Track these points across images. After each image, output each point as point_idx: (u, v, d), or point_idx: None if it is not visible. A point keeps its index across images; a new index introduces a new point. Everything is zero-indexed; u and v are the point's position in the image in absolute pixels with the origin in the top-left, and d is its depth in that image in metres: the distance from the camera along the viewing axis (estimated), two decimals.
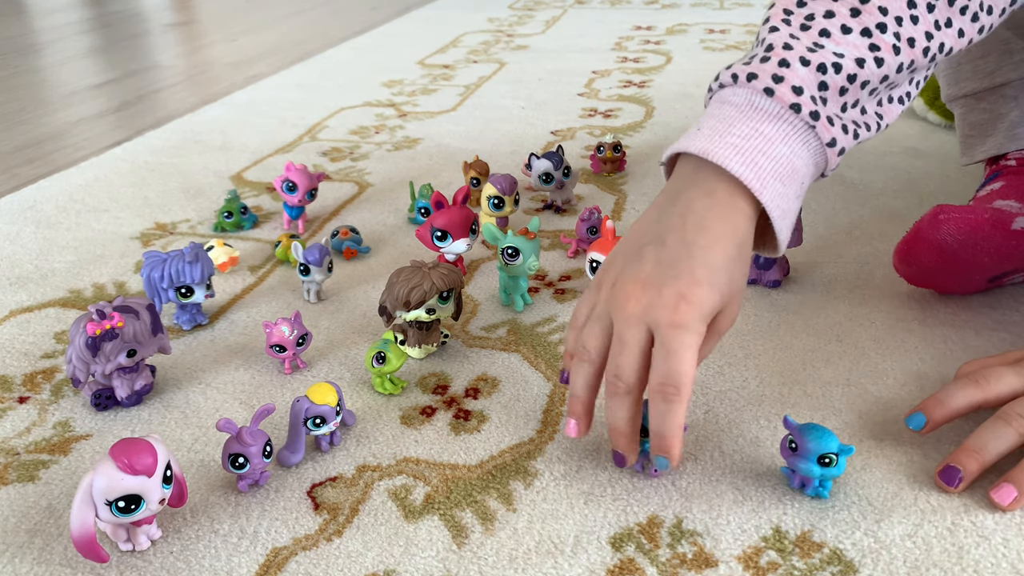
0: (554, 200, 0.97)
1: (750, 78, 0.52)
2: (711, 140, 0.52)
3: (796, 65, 0.52)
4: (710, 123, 0.53)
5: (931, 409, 0.55)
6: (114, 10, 2.49)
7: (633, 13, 2.19)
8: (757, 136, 0.51)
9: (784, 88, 0.51)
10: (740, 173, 0.50)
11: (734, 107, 0.53)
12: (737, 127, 0.52)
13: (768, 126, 0.52)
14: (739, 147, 0.51)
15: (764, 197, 0.50)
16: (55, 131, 1.34)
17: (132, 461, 0.46)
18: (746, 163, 0.51)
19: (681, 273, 0.49)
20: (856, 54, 0.53)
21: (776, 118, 0.52)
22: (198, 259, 0.71)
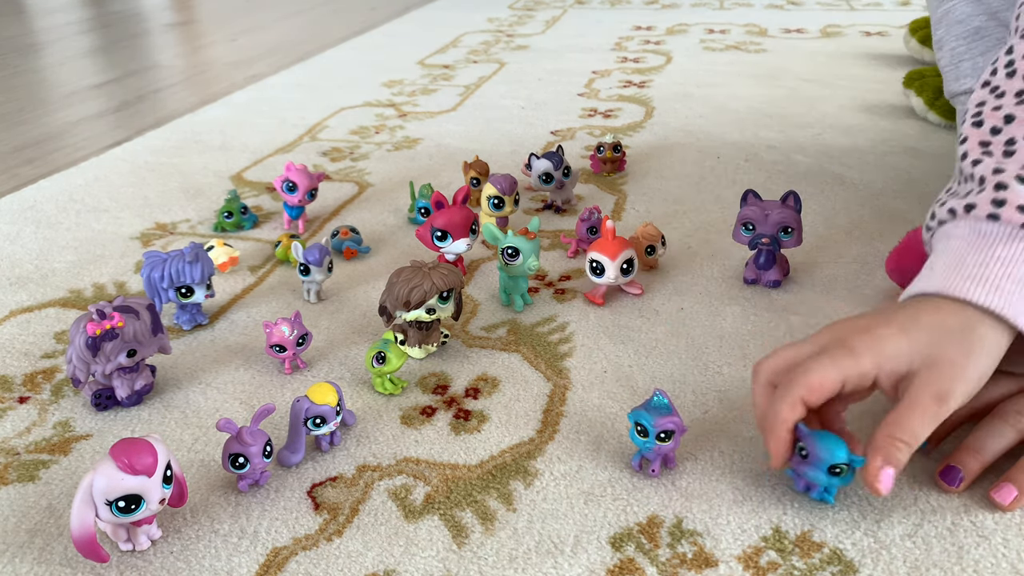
0: (554, 200, 0.97)
1: (968, 209, 0.51)
2: (946, 277, 0.50)
3: (1015, 185, 0.50)
4: (941, 260, 0.52)
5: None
6: (114, 10, 2.49)
7: (633, 13, 2.19)
8: (995, 262, 0.49)
9: (1009, 210, 0.50)
10: (987, 302, 0.48)
11: (960, 240, 0.51)
12: (970, 258, 0.50)
13: (1003, 250, 0.49)
14: (978, 276, 0.49)
15: (1020, 322, 0.48)
16: (55, 131, 1.34)
17: (132, 461, 0.46)
18: (990, 290, 0.48)
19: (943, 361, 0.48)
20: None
21: (1010, 239, 0.49)
22: (198, 259, 0.71)
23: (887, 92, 1.39)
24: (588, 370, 0.66)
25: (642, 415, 0.53)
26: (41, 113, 1.45)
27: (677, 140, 1.19)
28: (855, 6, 2.17)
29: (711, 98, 1.39)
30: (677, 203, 0.98)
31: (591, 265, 0.74)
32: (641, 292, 0.77)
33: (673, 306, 0.76)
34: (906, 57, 1.59)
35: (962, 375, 0.47)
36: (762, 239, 0.75)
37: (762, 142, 1.17)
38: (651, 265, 0.82)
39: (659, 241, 0.81)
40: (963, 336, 0.48)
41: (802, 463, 0.50)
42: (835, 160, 1.09)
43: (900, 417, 0.47)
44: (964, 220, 0.52)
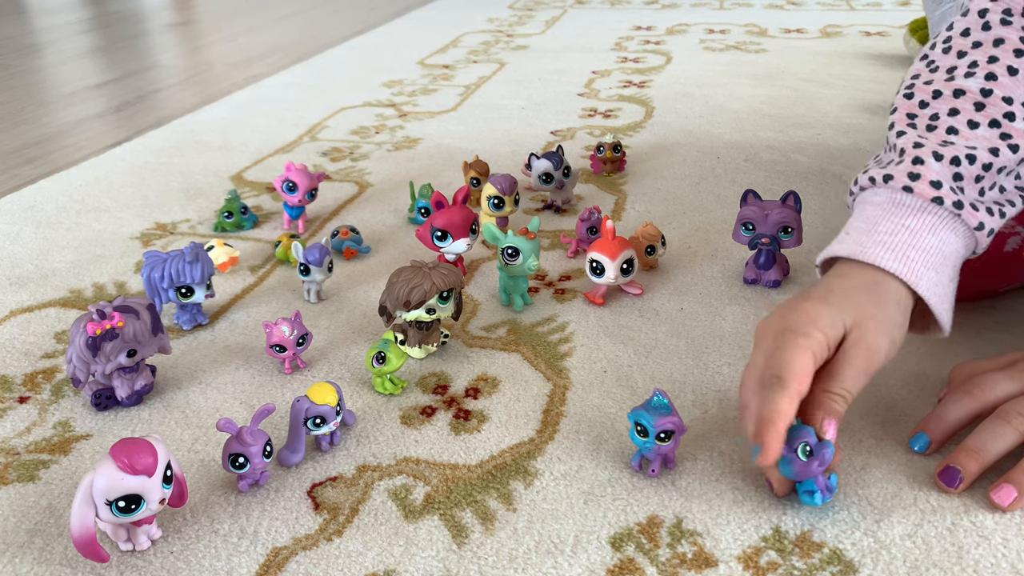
0: (554, 200, 0.97)
1: (886, 179, 0.55)
2: (859, 241, 0.54)
3: (930, 161, 0.54)
4: (856, 224, 0.56)
5: (932, 428, 0.56)
6: (114, 10, 2.49)
7: (633, 13, 2.19)
8: (904, 231, 0.54)
9: (922, 184, 0.54)
10: (894, 268, 0.52)
11: (876, 206, 0.55)
12: (883, 224, 0.54)
13: (913, 220, 0.54)
14: (888, 244, 0.53)
15: (920, 288, 0.52)
16: (55, 131, 1.34)
17: (132, 461, 0.46)
18: (898, 258, 0.53)
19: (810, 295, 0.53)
20: (988, 145, 0.55)
21: (920, 211, 0.54)
22: (198, 259, 0.71)
23: (887, 92, 1.39)
24: (588, 370, 0.66)
25: (642, 415, 0.53)
26: (41, 113, 1.45)
27: (677, 140, 1.19)
28: (855, 6, 2.17)
29: (711, 98, 1.39)
30: (677, 203, 0.98)
31: (591, 265, 0.74)
32: (641, 292, 0.77)
33: (673, 306, 0.76)
34: (906, 57, 1.59)
35: (880, 325, 0.52)
36: (762, 239, 0.75)
37: (762, 142, 1.17)
38: (651, 265, 0.82)
39: (659, 241, 0.81)
40: (871, 292, 0.52)
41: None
42: (835, 160, 1.09)
43: (833, 372, 0.51)
44: (883, 188, 0.55)
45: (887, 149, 0.59)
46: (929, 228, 0.54)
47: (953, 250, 0.54)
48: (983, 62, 0.56)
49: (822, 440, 0.50)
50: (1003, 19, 0.57)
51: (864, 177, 0.57)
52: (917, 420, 0.59)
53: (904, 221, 0.54)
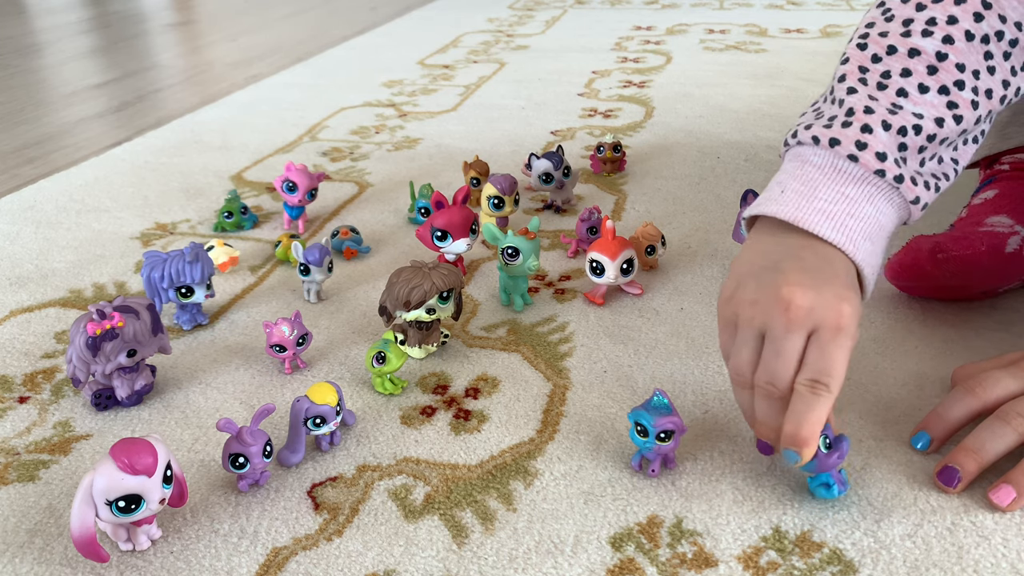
0: (554, 200, 0.97)
1: (832, 143, 0.54)
2: (799, 206, 0.53)
3: (879, 130, 0.53)
4: (793, 185, 0.54)
5: (933, 427, 0.56)
6: (114, 10, 2.49)
7: (633, 13, 2.19)
8: (843, 200, 0.53)
9: (868, 155, 0.52)
10: (833, 238, 0.52)
11: (816, 168, 0.54)
12: (822, 191, 0.53)
13: (853, 189, 0.53)
14: (828, 212, 0.52)
15: (857, 258, 0.52)
16: (55, 131, 1.34)
17: (132, 461, 0.46)
18: (837, 227, 0.52)
19: (830, 278, 0.50)
20: (935, 114, 0.54)
21: (860, 181, 0.53)
22: (198, 259, 0.71)
23: None
24: (588, 370, 0.66)
25: (642, 415, 0.53)
26: (41, 113, 1.45)
27: (677, 140, 1.19)
28: (855, 6, 2.17)
29: (711, 98, 1.39)
30: (677, 203, 0.98)
31: (591, 265, 0.74)
32: (641, 292, 0.77)
33: (673, 306, 0.76)
34: None
35: (845, 300, 0.49)
36: None
37: (762, 142, 1.17)
38: (651, 265, 0.82)
39: (659, 241, 0.81)
40: (835, 271, 0.51)
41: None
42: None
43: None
44: (826, 151, 0.54)
45: (830, 100, 0.57)
46: (867, 197, 0.53)
47: (888, 220, 0.54)
48: (942, 21, 0.55)
49: (838, 434, 0.50)
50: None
51: (806, 134, 0.55)
52: (917, 420, 0.59)
53: (844, 189, 0.53)
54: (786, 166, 0.57)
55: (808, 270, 0.50)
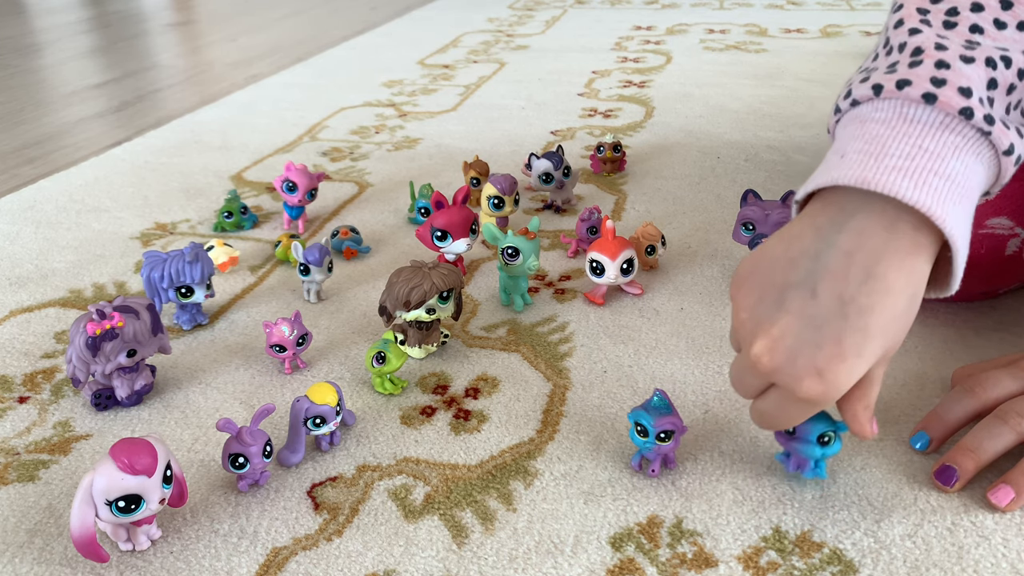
0: (554, 200, 0.97)
1: (900, 85, 0.43)
2: (865, 166, 0.42)
3: (958, 64, 0.43)
4: (855, 145, 0.44)
5: (932, 427, 0.56)
6: (114, 10, 2.49)
7: (633, 13, 2.19)
8: (922, 154, 0.42)
9: (949, 91, 0.42)
10: (919, 201, 0.41)
11: (883, 124, 0.44)
12: (893, 147, 0.42)
13: (932, 140, 0.42)
14: (905, 169, 0.41)
15: (947, 226, 0.41)
16: (55, 131, 1.34)
17: (132, 461, 0.46)
18: (920, 187, 0.41)
19: (825, 341, 0.41)
20: (1021, 47, 0.44)
21: (941, 128, 0.42)
22: (198, 259, 0.71)
23: None
24: (588, 370, 0.66)
25: (642, 415, 0.53)
26: (41, 113, 1.45)
27: (677, 140, 1.19)
28: (855, 6, 2.17)
29: (711, 98, 1.39)
30: (677, 203, 0.98)
31: (591, 265, 0.74)
32: (641, 292, 0.77)
33: (673, 306, 0.76)
34: None
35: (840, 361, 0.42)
36: (762, 239, 0.75)
37: (762, 142, 1.17)
38: (651, 265, 0.82)
39: (659, 241, 0.81)
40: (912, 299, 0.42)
41: (791, 440, 0.51)
42: None
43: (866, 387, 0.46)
44: (889, 101, 0.44)
45: (886, 51, 0.47)
46: (953, 150, 0.42)
47: (978, 182, 0.43)
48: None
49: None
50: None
51: (863, 87, 0.45)
52: (917, 420, 0.59)
53: (921, 142, 0.42)
54: (840, 134, 0.46)
55: (807, 321, 0.42)
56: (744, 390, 0.48)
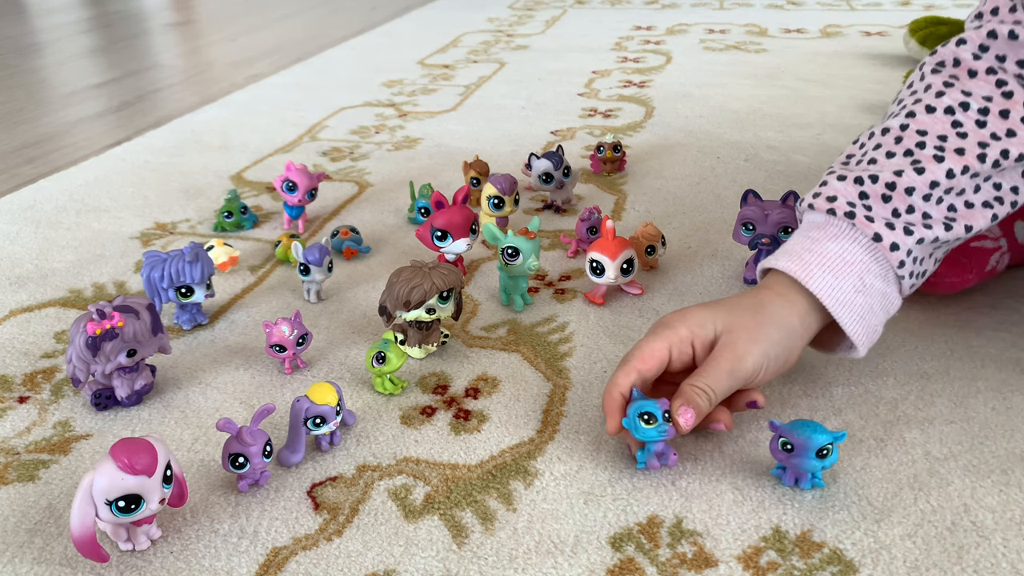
0: (554, 200, 0.97)
1: (800, 202, 0.62)
2: (772, 257, 0.60)
3: (832, 182, 0.60)
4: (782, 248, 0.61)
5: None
6: (114, 10, 2.49)
7: (633, 13, 2.19)
8: (806, 240, 0.59)
9: (820, 200, 0.59)
10: (785, 267, 0.57)
11: (797, 229, 0.62)
12: (793, 240, 0.60)
13: (816, 231, 0.59)
14: (788, 251, 0.59)
15: (811, 285, 0.56)
16: (55, 131, 1.34)
17: (132, 461, 0.46)
18: (792, 259, 0.58)
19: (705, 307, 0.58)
20: (895, 168, 0.59)
21: (822, 224, 0.59)
22: (198, 259, 0.71)
23: (887, 92, 1.39)
24: (588, 370, 0.66)
25: (643, 405, 0.52)
26: (41, 113, 1.45)
27: (677, 140, 1.19)
28: (855, 6, 2.17)
29: (711, 98, 1.39)
30: (677, 203, 0.98)
31: (591, 265, 0.74)
32: (641, 292, 0.77)
33: (673, 306, 0.76)
34: (906, 57, 1.59)
35: (752, 334, 0.55)
36: (762, 239, 0.75)
37: (762, 142, 1.17)
38: (651, 265, 0.82)
39: (659, 241, 0.81)
40: (754, 308, 0.57)
41: (790, 456, 0.51)
42: (835, 160, 1.09)
43: (701, 370, 0.55)
44: (804, 214, 0.62)
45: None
46: (829, 237, 0.58)
47: (858, 260, 0.57)
48: (909, 104, 0.62)
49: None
50: (934, 68, 0.63)
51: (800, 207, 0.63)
52: (917, 421, 0.59)
53: (808, 233, 0.59)
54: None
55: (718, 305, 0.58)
56: None
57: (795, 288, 0.57)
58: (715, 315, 0.56)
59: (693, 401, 0.53)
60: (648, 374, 0.56)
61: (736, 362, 0.54)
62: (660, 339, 0.56)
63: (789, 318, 0.57)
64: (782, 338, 0.56)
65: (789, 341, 0.57)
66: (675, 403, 0.53)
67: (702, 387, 0.54)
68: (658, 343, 0.56)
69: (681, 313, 0.57)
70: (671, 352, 0.56)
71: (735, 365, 0.54)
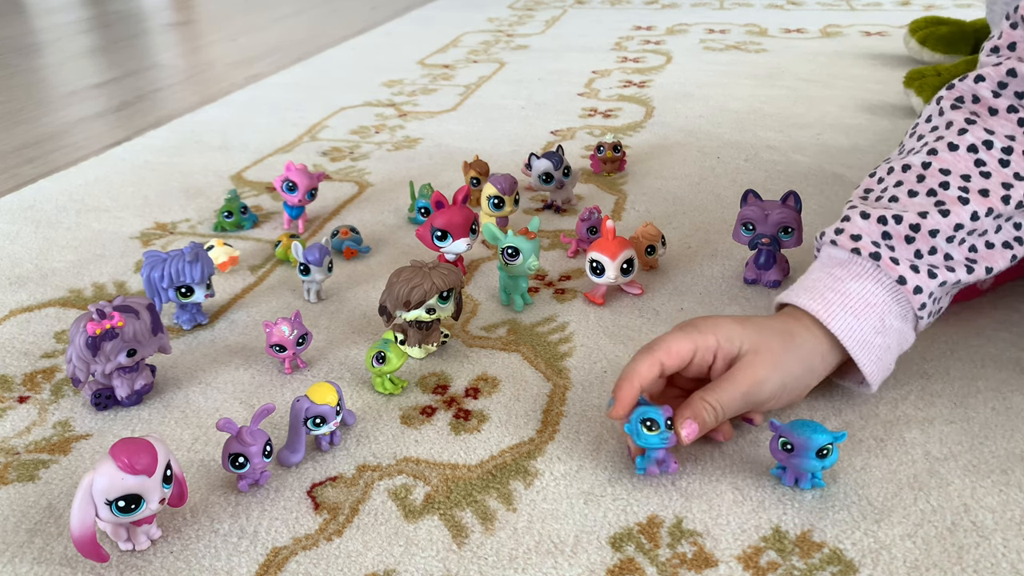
0: (554, 200, 0.97)
1: (821, 235, 0.62)
2: (791, 291, 0.60)
3: (856, 219, 0.60)
4: (802, 281, 0.61)
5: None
6: (114, 10, 2.49)
7: (633, 13, 2.19)
8: (828, 277, 0.59)
9: (844, 237, 0.59)
10: (807, 306, 0.57)
11: (818, 261, 0.62)
12: (814, 274, 0.60)
13: (838, 269, 0.59)
14: (810, 288, 0.59)
15: (832, 325, 0.56)
16: (55, 131, 1.34)
17: (132, 461, 0.46)
18: (815, 298, 0.58)
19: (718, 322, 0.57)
20: (919, 209, 0.59)
21: (845, 262, 0.59)
22: (198, 259, 0.71)
23: (887, 92, 1.39)
24: (588, 370, 0.66)
25: (647, 412, 0.52)
26: (41, 113, 1.45)
27: (677, 140, 1.19)
28: (855, 6, 2.17)
29: (711, 98, 1.39)
30: (677, 203, 0.98)
31: (591, 265, 0.74)
32: (641, 292, 0.77)
33: (673, 306, 0.76)
34: (906, 57, 1.59)
35: (776, 361, 0.55)
36: (762, 239, 0.75)
37: (762, 142, 1.17)
38: (651, 265, 0.82)
39: (659, 241, 0.81)
40: (783, 335, 0.57)
41: (791, 456, 0.51)
42: (835, 160, 1.09)
43: (716, 385, 0.54)
44: (822, 246, 0.62)
45: None
46: (852, 276, 0.58)
47: (879, 301, 0.57)
48: (931, 140, 0.62)
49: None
50: (953, 104, 0.63)
51: (819, 239, 0.63)
52: (917, 421, 0.59)
53: (830, 270, 0.59)
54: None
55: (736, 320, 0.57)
56: None
57: (817, 325, 0.57)
58: (744, 332, 0.56)
59: (700, 416, 0.53)
60: (668, 371, 0.55)
61: (753, 385, 0.54)
62: (688, 340, 0.55)
63: (812, 357, 0.57)
64: (802, 374, 0.57)
65: (807, 379, 0.57)
66: (682, 413, 0.53)
67: (712, 403, 0.53)
68: (685, 343, 0.55)
69: (712, 321, 0.57)
70: (694, 356, 0.55)
71: (751, 388, 0.54)
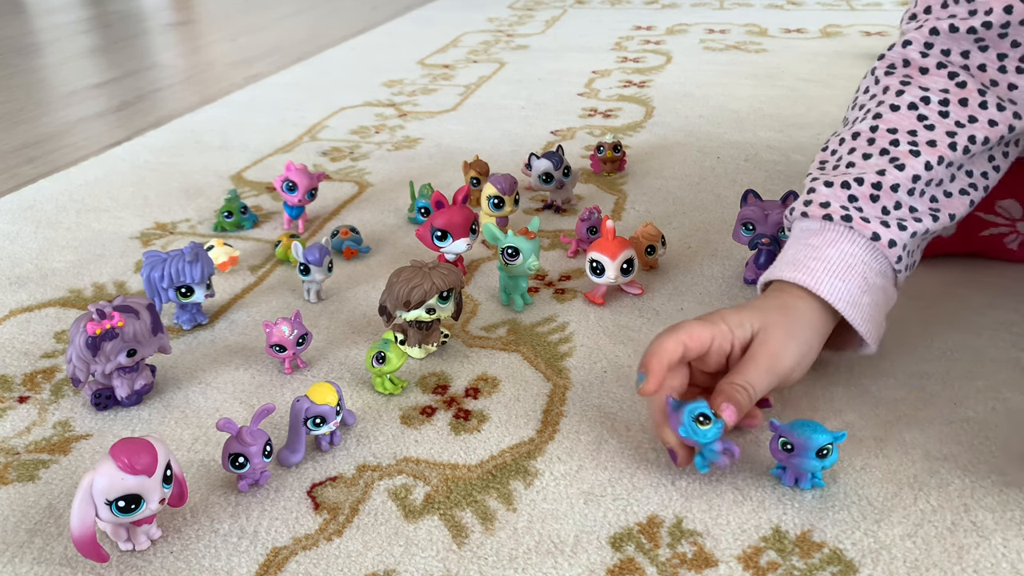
0: (554, 200, 0.97)
1: (790, 212, 0.64)
2: (774, 268, 0.62)
3: (821, 188, 0.62)
4: (778, 256, 0.63)
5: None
6: (114, 10, 2.49)
7: (633, 13, 2.19)
8: (807, 248, 0.60)
9: (813, 207, 0.61)
10: (796, 278, 0.59)
11: (792, 238, 0.63)
12: (792, 249, 0.62)
13: (815, 238, 0.61)
14: (791, 262, 0.60)
15: (822, 292, 0.58)
16: (55, 131, 1.34)
17: (132, 461, 0.46)
18: (798, 269, 0.59)
19: (723, 314, 0.58)
20: (876, 168, 0.61)
21: (819, 231, 0.61)
22: (198, 259, 0.71)
23: None
24: (588, 370, 0.66)
25: (694, 407, 0.51)
26: (41, 113, 1.45)
27: (677, 140, 1.19)
28: (855, 6, 2.17)
29: (711, 98, 1.39)
30: (677, 203, 0.98)
31: (591, 265, 0.74)
32: (641, 292, 0.77)
33: (673, 306, 0.76)
34: None
35: (788, 330, 0.56)
36: (762, 239, 0.75)
37: (762, 142, 1.17)
38: (651, 265, 0.82)
39: (659, 241, 0.81)
40: (782, 308, 0.58)
41: (791, 456, 0.51)
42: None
43: (739, 368, 0.55)
44: (792, 222, 0.64)
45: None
46: (829, 243, 0.60)
47: (859, 261, 0.59)
48: (873, 107, 0.65)
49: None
50: (887, 71, 0.66)
51: (788, 217, 0.65)
52: (918, 421, 0.59)
53: (807, 240, 0.61)
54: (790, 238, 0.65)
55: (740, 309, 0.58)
56: None
57: (807, 293, 0.58)
58: (750, 316, 0.57)
59: (734, 398, 0.53)
60: (690, 354, 0.55)
61: (773, 359, 0.55)
62: (705, 327, 0.56)
63: (813, 322, 0.58)
64: (810, 337, 0.57)
65: (816, 341, 0.58)
66: (715, 400, 0.53)
67: (742, 384, 0.54)
68: (704, 330, 0.56)
69: (717, 313, 0.57)
70: (712, 343, 0.56)
71: (772, 362, 0.55)
